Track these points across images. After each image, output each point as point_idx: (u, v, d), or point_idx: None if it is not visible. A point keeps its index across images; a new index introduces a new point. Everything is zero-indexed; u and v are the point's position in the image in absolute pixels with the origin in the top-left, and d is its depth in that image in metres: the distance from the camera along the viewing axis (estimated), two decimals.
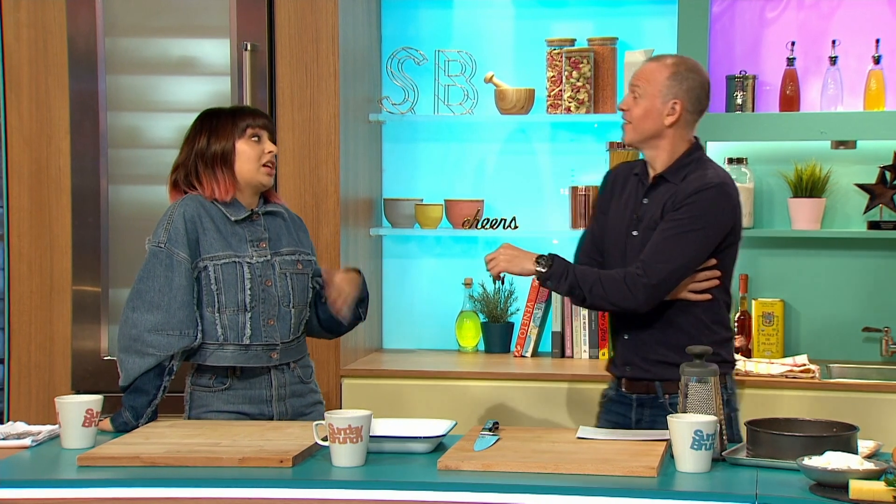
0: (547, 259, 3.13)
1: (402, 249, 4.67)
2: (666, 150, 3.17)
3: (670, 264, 3.06)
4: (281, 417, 3.23)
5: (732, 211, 3.15)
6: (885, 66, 4.26)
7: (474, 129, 4.63)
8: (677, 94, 3.13)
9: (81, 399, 2.88)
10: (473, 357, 4.47)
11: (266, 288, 3.20)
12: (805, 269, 4.40)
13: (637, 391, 3.19)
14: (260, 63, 4.11)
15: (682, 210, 3.08)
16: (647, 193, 3.19)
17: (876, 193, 4.29)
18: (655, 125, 3.14)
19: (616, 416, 3.22)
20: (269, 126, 3.27)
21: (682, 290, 3.12)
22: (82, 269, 4.20)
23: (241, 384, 3.21)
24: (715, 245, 3.12)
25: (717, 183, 3.11)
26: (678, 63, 3.17)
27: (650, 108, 3.14)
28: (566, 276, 3.11)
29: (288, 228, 3.31)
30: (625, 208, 3.23)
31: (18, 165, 4.20)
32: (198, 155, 3.22)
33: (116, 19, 4.19)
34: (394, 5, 4.61)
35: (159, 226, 3.19)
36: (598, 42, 4.43)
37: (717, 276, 3.14)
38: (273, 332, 3.21)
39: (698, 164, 3.16)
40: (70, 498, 2.58)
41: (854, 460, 2.49)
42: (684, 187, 3.11)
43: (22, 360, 4.22)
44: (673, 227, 3.08)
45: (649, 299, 3.07)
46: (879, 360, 4.32)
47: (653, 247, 3.08)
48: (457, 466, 2.63)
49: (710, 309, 3.15)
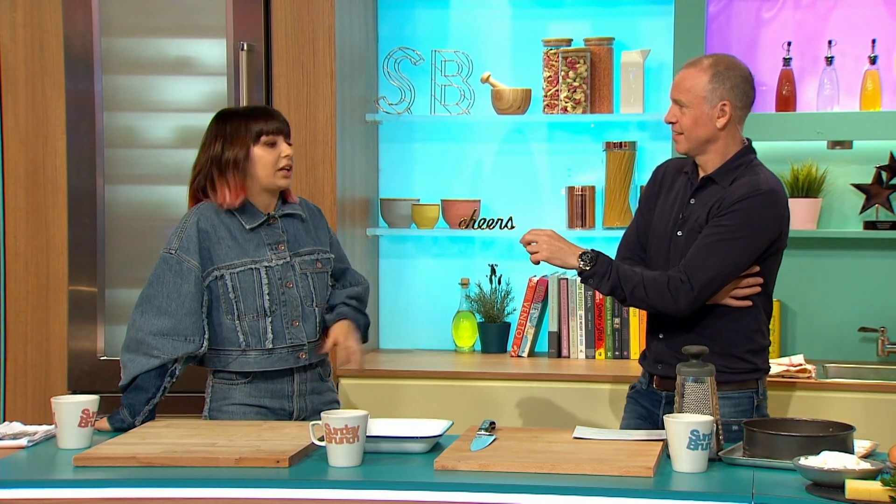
0: (591, 256, 3.08)
1: (399, 249, 4.67)
2: (719, 153, 3.13)
3: (712, 271, 3.03)
4: (300, 414, 3.26)
5: (780, 219, 3.11)
6: (881, 66, 4.26)
7: (471, 129, 4.63)
8: (723, 94, 3.10)
9: (78, 399, 2.88)
10: (470, 357, 4.47)
11: (286, 290, 3.22)
12: (801, 269, 4.40)
13: (667, 388, 3.16)
14: (256, 63, 4.11)
15: (728, 216, 3.05)
16: (694, 194, 3.16)
17: (872, 193, 4.30)
18: (708, 130, 3.11)
19: (644, 409, 3.22)
20: (283, 129, 3.25)
21: (724, 295, 3.09)
22: (78, 269, 4.19)
23: (263, 379, 3.23)
24: (759, 253, 3.09)
25: (766, 190, 3.07)
26: (715, 63, 3.12)
27: (699, 115, 3.10)
28: (609, 275, 3.07)
29: (306, 228, 3.32)
30: (671, 207, 3.19)
31: (15, 165, 4.19)
32: (213, 161, 3.22)
33: (113, 19, 4.19)
34: (390, 5, 4.61)
35: (173, 233, 3.21)
36: (595, 42, 4.43)
37: (759, 283, 3.11)
38: (299, 332, 3.23)
39: (748, 168, 3.12)
40: (66, 498, 2.58)
41: (850, 460, 2.49)
42: (732, 192, 3.07)
43: (18, 360, 4.21)
44: (718, 233, 3.04)
45: (691, 306, 3.05)
46: (876, 360, 4.32)
47: (696, 251, 3.05)
48: (453, 466, 2.63)
49: (750, 316, 3.13)
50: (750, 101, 3.16)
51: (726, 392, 3.08)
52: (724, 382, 3.06)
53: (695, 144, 3.13)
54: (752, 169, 3.12)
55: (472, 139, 4.63)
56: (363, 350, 4.44)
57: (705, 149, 3.14)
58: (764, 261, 3.12)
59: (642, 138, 4.48)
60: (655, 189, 3.28)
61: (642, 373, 3.29)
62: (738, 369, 3.12)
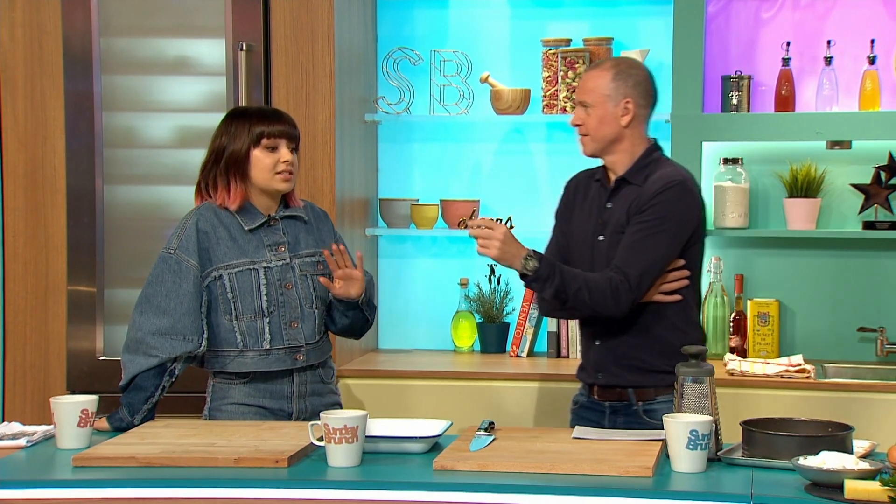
0: (534, 261, 3.04)
1: (398, 250, 4.67)
2: (626, 152, 3.17)
3: (643, 267, 3.04)
4: (300, 415, 3.25)
5: (697, 208, 3.14)
6: (879, 66, 4.26)
7: (470, 129, 4.63)
8: (626, 92, 3.14)
9: (77, 399, 2.88)
10: (469, 357, 4.47)
11: (286, 291, 3.22)
12: (800, 269, 4.40)
13: (609, 398, 3.17)
14: (255, 63, 4.11)
15: (649, 212, 3.07)
16: (610, 198, 3.18)
17: (871, 193, 4.30)
18: (613, 129, 3.14)
19: (588, 422, 3.16)
20: (288, 132, 3.23)
21: (654, 292, 3.11)
22: (77, 270, 4.19)
23: (262, 380, 3.23)
24: (683, 243, 3.11)
25: (679, 181, 3.10)
26: (617, 63, 3.18)
27: (604, 114, 3.14)
28: (552, 278, 3.04)
29: (309, 230, 3.32)
30: (589, 215, 3.21)
31: (13, 165, 4.19)
32: (215, 159, 3.23)
33: (111, 19, 4.19)
34: (389, 5, 4.61)
35: (173, 233, 3.21)
36: (594, 42, 4.43)
37: (685, 276, 3.13)
38: (297, 334, 3.23)
39: (658, 164, 3.16)
40: (65, 498, 2.58)
41: (849, 460, 2.49)
42: (647, 188, 3.10)
43: (17, 361, 4.21)
44: (642, 230, 3.07)
45: (629, 306, 3.06)
46: (874, 360, 4.32)
47: (624, 251, 3.07)
48: (452, 466, 2.63)
49: (682, 310, 3.15)
50: (652, 100, 3.20)
51: (669, 395, 3.03)
52: (666, 386, 3.06)
53: (601, 145, 3.17)
54: (662, 164, 3.17)
55: (472, 139, 4.63)
56: (360, 351, 4.45)
57: (612, 149, 3.17)
58: (686, 252, 3.13)
59: None
60: (570, 201, 3.30)
61: (582, 385, 3.28)
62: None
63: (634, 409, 3.13)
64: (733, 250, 4.43)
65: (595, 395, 3.20)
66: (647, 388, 3.12)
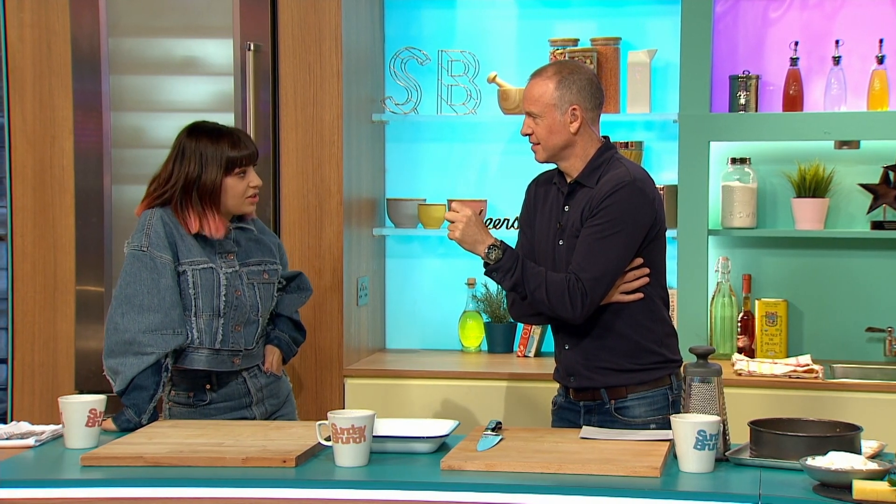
0: (498, 251, 3.07)
1: (405, 249, 4.67)
2: (579, 156, 3.15)
3: (598, 270, 3.03)
4: (262, 418, 3.31)
5: (650, 206, 3.11)
6: (888, 66, 4.26)
7: (477, 129, 4.63)
8: (571, 99, 3.11)
9: (85, 399, 2.88)
10: (476, 357, 4.47)
11: (237, 297, 3.25)
12: (808, 269, 4.39)
13: (584, 399, 3.18)
14: (263, 63, 4.11)
15: (600, 214, 3.06)
16: (566, 201, 3.17)
17: (879, 193, 4.29)
18: (563, 137, 3.13)
19: (567, 423, 3.20)
20: (252, 158, 3.28)
21: (614, 293, 3.10)
22: (86, 269, 4.20)
23: (219, 397, 3.27)
24: (638, 243, 3.09)
25: (629, 180, 3.08)
26: (559, 70, 3.15)
27: (552, 123, 3.12)
28: (513, 270, 3.06)
29: (258, 240, 3.36)
30: (549, 219, 3.21)
31: (22, 165, 4.20)
32: (186, 185, 3.22)
33: (120, 19, 4.20)
34: (397, 5, 4.61)
35: (138, 231, 3.22)
36: (602, 42, 4.42)
37: (646, 274, 3.12)
38: (239, 338, 3.27)
39: (611, 164, 3.14)
40: (73, 498, 2.59)
41: (857, 460, 2.49)
42: (599, 190, 3.08)
43: (25, 360, 4.22)
44: (595, 233, 3.05)
45: (585, 310, 3.05)
46: (883, 360, 4.32)
47: (579, 255, 3.06)
48: (460, 466, 2.63)
49: (646, 307, 3.13)
50: (599, 101, 3.17)
51: (640, 393, 3.10)
52: (637, 384, 3.10)
53: (553, 152, 3.15)
54: (615, 164, 3.14)
55: (479, 139, 4.63)
56: (367, 351, 4.45)
57: (564, 154, 3.15)
58: (645, 249, 3.12)
59: (649, 138, 4.48)
60: (531, 205, 3.29)
61: (559, 387, 3.29)
62: (649, 364, 3.12)
63: (607, 407, 3.14)
64: (741, 250, 4.42)
65: (571, 395, 3.22)
66: (618, 388, 3.12)
